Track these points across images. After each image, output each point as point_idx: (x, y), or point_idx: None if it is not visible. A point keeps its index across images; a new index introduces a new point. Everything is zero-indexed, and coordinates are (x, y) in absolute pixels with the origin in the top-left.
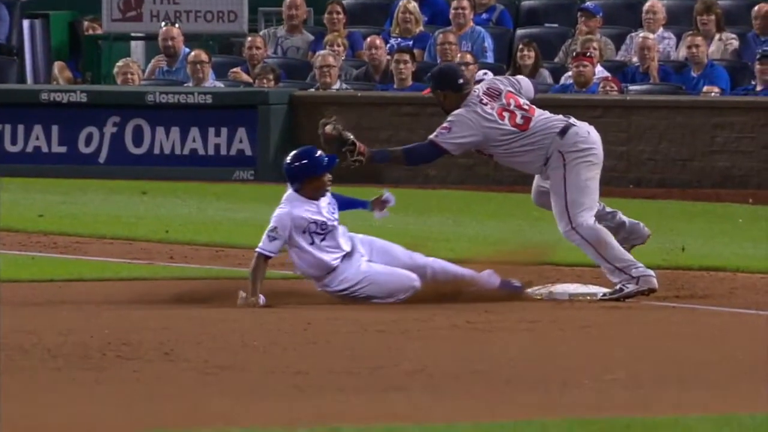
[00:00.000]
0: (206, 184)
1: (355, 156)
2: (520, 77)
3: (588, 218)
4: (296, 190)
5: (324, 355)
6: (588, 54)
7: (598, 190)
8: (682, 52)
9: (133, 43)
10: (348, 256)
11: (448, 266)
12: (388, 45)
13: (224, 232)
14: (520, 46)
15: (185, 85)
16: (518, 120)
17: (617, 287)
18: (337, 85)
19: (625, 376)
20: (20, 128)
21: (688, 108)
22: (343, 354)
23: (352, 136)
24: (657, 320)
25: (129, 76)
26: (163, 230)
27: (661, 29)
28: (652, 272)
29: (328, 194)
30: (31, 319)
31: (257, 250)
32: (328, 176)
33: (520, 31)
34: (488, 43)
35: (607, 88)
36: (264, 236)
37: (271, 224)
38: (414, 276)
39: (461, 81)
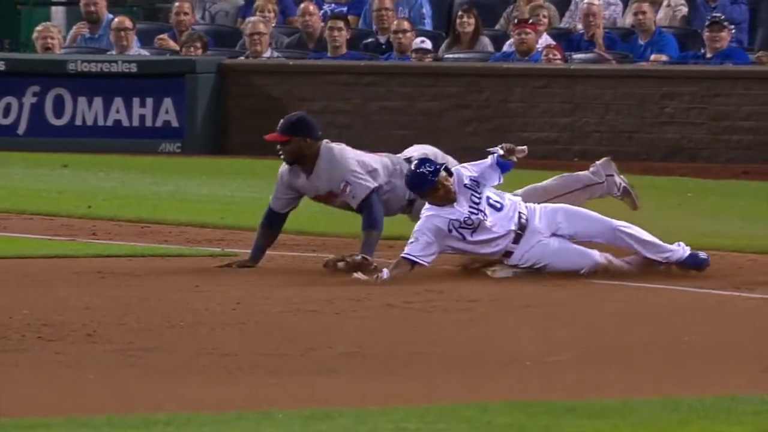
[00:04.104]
0: (131, 157)
1: (371, 269)
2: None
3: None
4: (429, 202)
5: (254, 336)
6: (531, 21)
7: None
8: (629, 19)
9: (53, 8)
10: (521, 235)
11: (639, 234)
12: (322, 11)
13: (150, 207)
14: (460, 13)
15: (108, 53)
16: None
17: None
18: (268, 54)
19: (569, 357)
20: None
21: (635, 77)
22: (274, 335)
23: (359, 257)
24: (602, 299)
25: (49, 41)
26: (86, 205)
27: None
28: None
29: (467, 188)
30: None
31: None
32: (446, 181)
33: None
34: (426, 9)
35: (550, 56)
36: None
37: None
38: (591, 253)
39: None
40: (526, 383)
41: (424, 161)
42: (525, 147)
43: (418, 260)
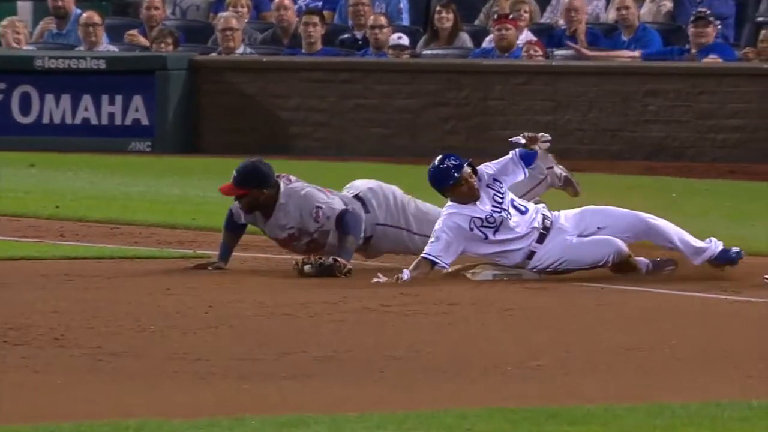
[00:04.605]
0: (99, 156)
1: (344, 271)
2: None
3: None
4: (450, 199)
5: (226, 340)
6: (512, 16)
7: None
8: (612, 14)
9: (19, 3)
10: (545, 235)
11: (669, 226)
12: (297, 6)
13: (119, 207)
14: (438, 8)
15: (76, 49)
16: None
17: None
18: (240, 50)
19: (551, 362)
20: None
21: (618, 74)
22: (247, 339)
23: (330, 258)
24: (585, 303)
25: (15, 36)
26: (54, 206)
27: None
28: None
29: (489, 188)
30: None
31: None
32: (470, 177)
33: None
34: (403, 4)
35: (531, 52)
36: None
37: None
38: (613, 241)
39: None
40: (507, 389)
41: (448, 156)
42: (547, 135)
43: (438, 261)
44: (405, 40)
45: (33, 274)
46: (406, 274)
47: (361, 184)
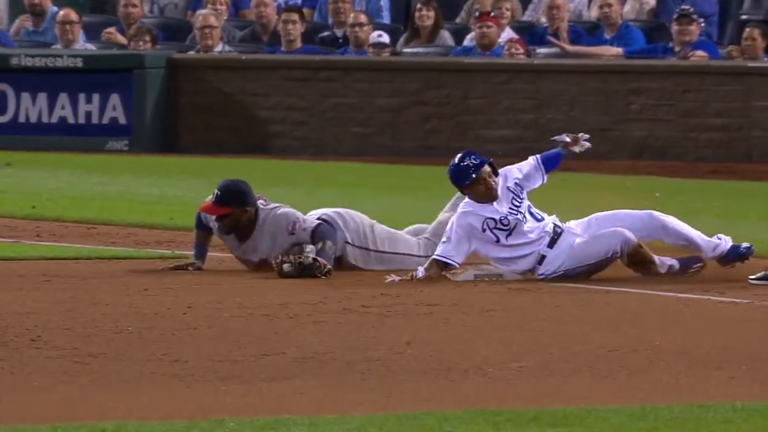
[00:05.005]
0: (76, 155)
1: (324, 271)
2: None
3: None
4: (468, 197)
5: (205, 341)
6: (493, 14)
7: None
8: (594, 12)
9: None
10: (555, 240)
11: (680, 225)
12: (276, 2)
13: (96, 207)
14: (419, 6)
15: (53, 47)
16: None
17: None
18: (219, 48)
19: (532, 363)
20: None
21: (601, 72)
22: (226, 340)
23: (310, 257)
24: (567, 304)
25: None
26: (30, 205)
27: None
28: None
29: (509, 191)
30: None
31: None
32: (489, 177)
33: None
34: (384, 1)
35: (513, 50)
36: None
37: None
38: (619, 231)
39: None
40: (489, 390)
41: (469, 154)
42: (587, 135)
43: (449, 261)
44: (385, 38)
45: (10, 275)
46: (420, 272)
47: (326, 209)
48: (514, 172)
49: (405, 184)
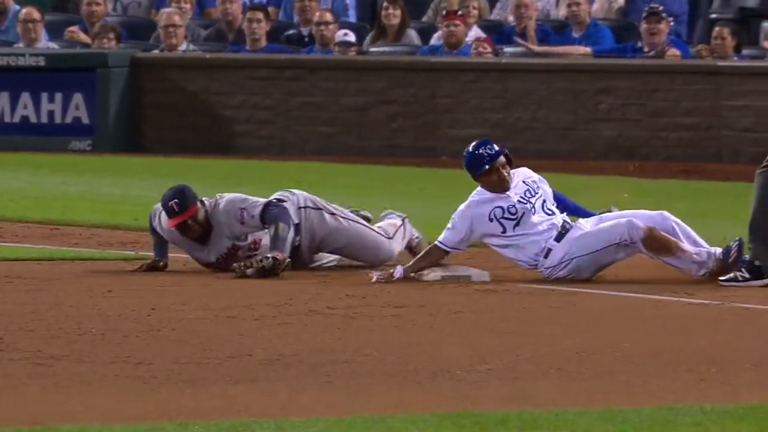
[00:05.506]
0: (39, 155)
1: (283, 266)
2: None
3: None
4: (480, 185)
5: (169, 343)
6: (460, 12)
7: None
8: (563, 11)
9: None
10: (563, 234)
11: (689, 229)
12: (242, 1)
13: (59, 208)
14: (385, 4)
15: (15, 45)
16: None
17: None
18: (183, 47)
19: (500, 366)
20: None
21: (569, 72)
22: (191, 342)
23: (269, 258)
24: (535, 305)
25: None
26: None
27: None
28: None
29: (525, 184)
30: None
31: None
32: (503, 168)
33: None
34: (350, 0)
35: (480, 49)
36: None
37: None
38: (624, 220)
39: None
40: (456, 393)
41: (485, 143)
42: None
43: (455, 249)
44: (351, 37)
45: None
46: (399, 272)
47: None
48: (535, 175)
49: (371, 184)
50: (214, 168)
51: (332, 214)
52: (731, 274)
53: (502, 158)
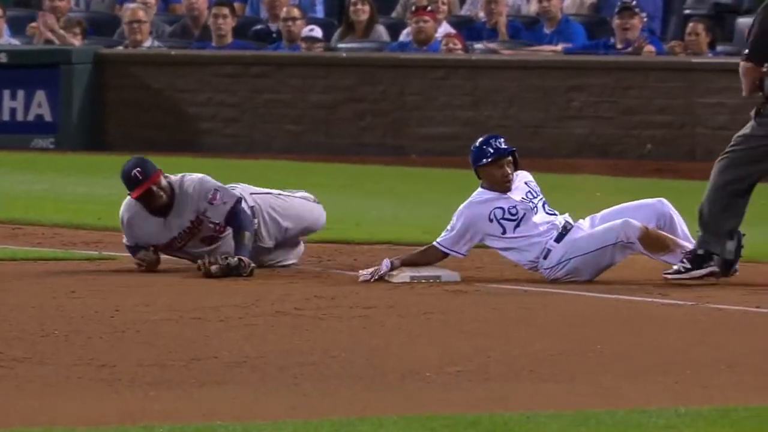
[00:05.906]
0: (1, 153)
1: (249, 270)
2: None
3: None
4: (481, 186)
5: (133, 345)
6: (429, 8)
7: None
8: (534, 6)
9: None
10: (563, 235)
11: (683, 224)
12: None
13: (22, 207)
14: (353, 0)
15: None
16: None
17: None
18: (148, 43)
19: (471, 367)
20: None
21: (541, 68)
22: (155, 344)
23: (236, 258)
24: (506, 306)
25: None
26: None
27: None
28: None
29: (527, 185)
30: None
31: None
32: (507, 165)
33: None
34: None
35: (450, 45)
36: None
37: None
38: (620, 221)
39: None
40: (426, 395)
41: (496, 137)
42: None
43: (453, 252)
44: (317, 32)
45: None
46: (386, 264)
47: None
48: (535, 181)
49: (339, 182)
50: (179, 166)
51: (277, 195)
52: (675, 267)
53: (509, 157)
